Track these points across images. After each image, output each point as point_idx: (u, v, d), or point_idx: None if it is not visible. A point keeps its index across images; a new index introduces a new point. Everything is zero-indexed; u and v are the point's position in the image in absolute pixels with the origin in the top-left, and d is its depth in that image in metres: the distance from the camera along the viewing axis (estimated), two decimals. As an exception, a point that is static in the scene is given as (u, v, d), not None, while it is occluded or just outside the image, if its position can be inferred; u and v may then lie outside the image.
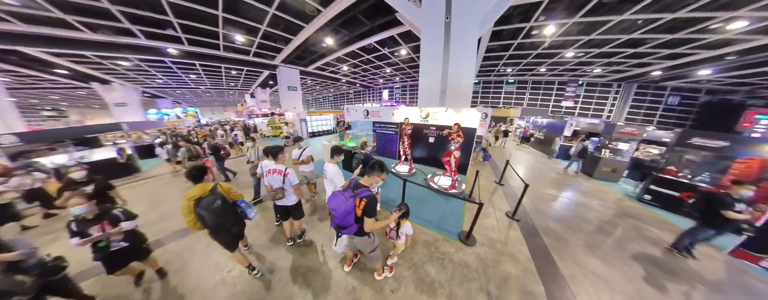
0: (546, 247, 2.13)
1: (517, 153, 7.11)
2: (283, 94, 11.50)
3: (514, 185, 3.74)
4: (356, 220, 1.11)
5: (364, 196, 1.09)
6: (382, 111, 5.06)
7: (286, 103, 11.76)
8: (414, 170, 4.10)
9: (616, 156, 4.50)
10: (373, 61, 11.22)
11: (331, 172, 1.80)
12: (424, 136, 4.41)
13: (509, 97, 14.78)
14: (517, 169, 4.88)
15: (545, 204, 3.10)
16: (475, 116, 3.58)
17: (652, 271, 1.90)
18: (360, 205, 1.08)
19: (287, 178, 1.75)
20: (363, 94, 23.07)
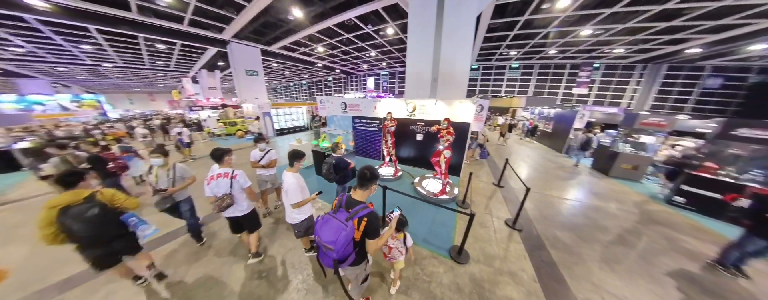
0: (554, 263, 2.01)
1: (521, 148, 7.18)
2: (240, 79, 10.13)
3: (516, 187, 3.68)
4: (355, 246, 1.01)
5: (363, 215, 1.00)
6: (362, 103, 4.80)
7: (245, 92, 10.45)
8: (400, 173, 3.99)
9: (638, 151, 4.36)
10: (355, 41, 10.59)
11: (288, 184, 1.56)
12: (411, 133, 4.26)
13: (512, 85, 14.97)
14: (519, 167, 4.98)
15: (552, 209, 2.99)
16: (468, 109, 3.44)
17: (690, 292, 1.72)
18: (360, 228, 0.99)
19: (236, 181, 1.68)
20: (344, 81, 21.94)
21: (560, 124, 7.16)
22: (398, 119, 4.16)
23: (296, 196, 1.56)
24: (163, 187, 1.86)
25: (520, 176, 4.11)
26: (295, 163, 1.61)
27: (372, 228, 1.01)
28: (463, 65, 5.02)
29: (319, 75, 22.23)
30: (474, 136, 4.88)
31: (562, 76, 13.79)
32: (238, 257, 2.02)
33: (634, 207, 3.16)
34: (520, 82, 15.17)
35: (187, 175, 2.02)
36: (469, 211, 1.91)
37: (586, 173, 4.72)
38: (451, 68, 4.99)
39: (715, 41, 7.23)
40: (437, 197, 2.99)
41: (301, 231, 1.75)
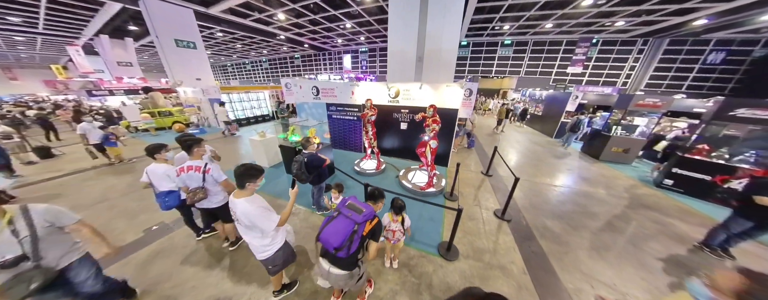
0: (543, 254, 2.13)
1: (511, 134, 7.63)
2: (169, 52, 7.89)
3: (504, 175, 3.91)
4: (361, 239, 1.13)
5: (377, 216, 1.18)
6: (338, 88, 4.50)
7: (179, 70, 8.31)
8: (383, 166, 4.00)
9: (631, 134, 4.68)
10: (325, 8, 9.53)
11: (242, 213, 1.20)
12: (394, 121, 4.19)
13: (504, 64, 15.50)
14: (509, 154, 5.29)
15: (541, 197, 3.19)
16: (456, 94, 3.42)
17: (678, 276, 1.86)
18: (373, 222, 1.14)
19: (209, 175, 1.80)
20: (315, 59, 20.05)
21: (552, 107, 7.62)
22: (379, 107, 4.05)
23: (265, 223, 1.23)
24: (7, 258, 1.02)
25: (510, 164, 4.51)
26: (248, 183, 1.21)
27: (377, 230, 1.19)
28: (451, 42, 4.92)
29: (283, 51, 19.84)
30: (462, 123, 5.03)
31: (557, 54, 14.21)
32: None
33: (624, 191, 3.38)
34: (513, 61, 15.72)
35: (65, 220, 1.21)
36: (456, 206, 1.95)
37: (576, 158, 5.17)
38: (438, 45, 4.86)
39: (724, 11, 7.09)
40: (424, 190, 3.10)
41: (277, 265, 1.42)
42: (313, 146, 2.25)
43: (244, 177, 1.22)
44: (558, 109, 7.20)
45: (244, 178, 1.22)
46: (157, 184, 1.85)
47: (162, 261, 2.06)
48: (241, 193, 1.25)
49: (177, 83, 8.45)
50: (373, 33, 13.77)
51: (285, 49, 19.16)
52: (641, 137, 4.75)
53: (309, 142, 2.21)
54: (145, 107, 7.77)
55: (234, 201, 1.25)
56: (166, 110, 7.63)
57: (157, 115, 7.39)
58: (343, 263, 1.14)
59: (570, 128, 6.00)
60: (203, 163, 1.79)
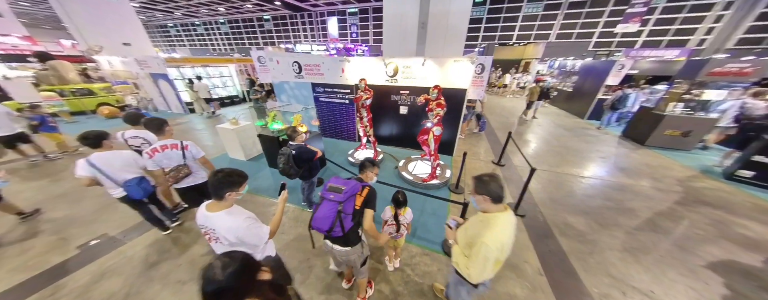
0: (563, 253, 2.17)
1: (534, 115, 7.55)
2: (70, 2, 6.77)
3: (519, 165, 4.04)
4: (353, 214, 1.30)
5: (367, 184, 1.40)
6: (324, 64, 4.47)
7: (91, 30, 7.22)
8: (381, 156, 4.16)
9: (696, 111, 4.25)
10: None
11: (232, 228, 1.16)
12: (393, 105, 4.29)
13: (529, 26, 14.83)
14: (527, 140, 5.43)
15: (563, 190, 3.28)
16: (466, 70, 3.46)
17: (742, 290, 1.77)
18: (362, 192, 1.34)
19: (188, 152, 2.10)
20: (292, 22, 18.51)
21: (586, 80, 7.51)
22: (375, 87, 4.10)
23: (255, 237, 1.20)
24: None
25: (527, 151, 4.65)
26: (229, 193, 1.14)
27: (372, 197, 1.37)
28: (462, 2, 4.82)
29: (247, 9, 18.25)
30: (471, 104, 5.16)
31: (604, 6, 12.65)
32: None
33: (676, 184, 3.32)
34: (541, 22, 15.05)
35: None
36: (462, 199, 2.21)
37: (613, 143, 5.25)
38: (446, 6, 4.76)
39: None
40: (426, 183, 3.37)
41: None
42: (301, 136, 2.32)
43: (224, 186, 1.13)
44: (594, 84, 7.12)
45: (224, 188, 1.13)
46: (114, 174, 1.96)
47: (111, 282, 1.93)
48: (218, 206, 1.17)
49: (93, 49, 7.28)
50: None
51: (250, 7, 17.72)
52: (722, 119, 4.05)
53: (296, 132, 2.28)
54: (45, 82, 6.69)
55: (209, 215, 1.16)
56: (82, 88, 6.61)
57: (69, 95, 6.32)
58: (342, 241, 1.39)
59: (610, 105, 6.05)
60: (178, 140, 2.07)
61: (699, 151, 4.84)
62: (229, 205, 1.22)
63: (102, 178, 1.95)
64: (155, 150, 2.00)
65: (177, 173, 2.05)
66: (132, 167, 2.05)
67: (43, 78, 6.88)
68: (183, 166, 2.09)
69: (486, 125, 5.47)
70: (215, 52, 24.42)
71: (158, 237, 2.46)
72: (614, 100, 6.05)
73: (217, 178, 1.15)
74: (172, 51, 25.50)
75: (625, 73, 6.80)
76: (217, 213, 1.18)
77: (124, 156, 2.03)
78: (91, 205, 2.97)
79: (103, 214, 2.81)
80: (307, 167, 2.47)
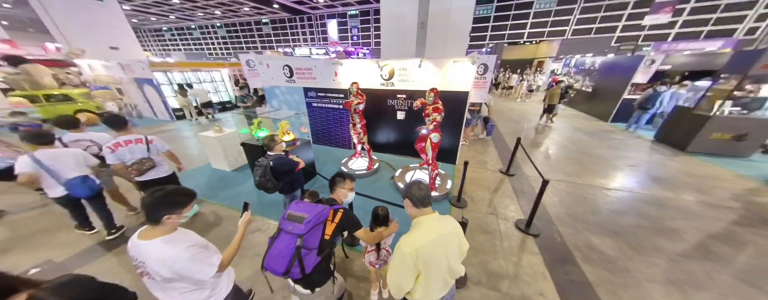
0: (588, 284, 1.98)
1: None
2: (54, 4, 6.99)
3: (531, 175, 3.90)
4: (321, 248, 1.16)
5: (339, 207, 1.28)
6: (316, 67, 4.58)
7: (77, 33, 7.46)
8: (376, 165, 4.15)
9: (752, 111, 3.97)
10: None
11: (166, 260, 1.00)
12: (389, 109, 4.31)
13: (542, 23, 15.00)
14: (541, 146, 5.29)
15: (585, 204, 3.06)
16: (467, 71, 3.46)
17: None
18: (334, 218, 1.22)
19: (153, 146, 2.37)
20: (291, 26, 19.50)
21: (609, 79, 7.37)
22: (370, 91, 4.14)
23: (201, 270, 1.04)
24: None
25: (541, 159, 4.49)
26: (167, 216, 1.00)
27: (350, 220, 1.28)
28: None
29: (245, 12, 19.31)
30: (475, 108, 5.12)
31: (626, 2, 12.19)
32: None
33: (732, 198, 3.01)
34: (555, 18, 15.18)
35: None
36: (460, 218, 2.08)
37: (645, 149, 5.00)
38: (446, 4, 4.86)
39: None
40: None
41: None
42: (279, 146, 2.30)
43: (160, 207, 0.99)
44: (619, 82, 6.95)
45: (160, 209, 0.99)
46: (60, 172, 2.08)
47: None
48: (153, 232, 1.02)
49: (74, 53, 7.35)
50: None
51: (247, 10, 18.67)
52: None
53: (274, 141, 2.26)
54: (16, 87, 6.77)
55: (139, 244, 1.01)
56: (58, 93, 6.62)
57: (42, 101, 6.26)
58: (304, 282, 1.20)
59: (639, 104, 5.85)
60: (142, 135, 2.34)
61: (761, 157, 4.46)
62: (168, 231, 1.06)
63: (44, 176, 2.03)
64: (118, 144, 2.21)
65: (141, 166, 2.28)
66: (81, 166, 2.20)
67: (15, 83, 6.91)
68: (147, 159, 2.33)
69: (494, 129, 5.39)
70: (211, 57, 25.51)
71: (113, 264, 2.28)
72: (643, 99, 5.89)
73: (153, 197, 1.00)
74: (166, 55, 26.77)
75: (655, 69, 6.54)
76: (150, 241, 1.01)
77: (76, 154, 2.18)
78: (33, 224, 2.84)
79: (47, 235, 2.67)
80: (288, 180, 2.43)
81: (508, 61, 16.94)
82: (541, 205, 3.11)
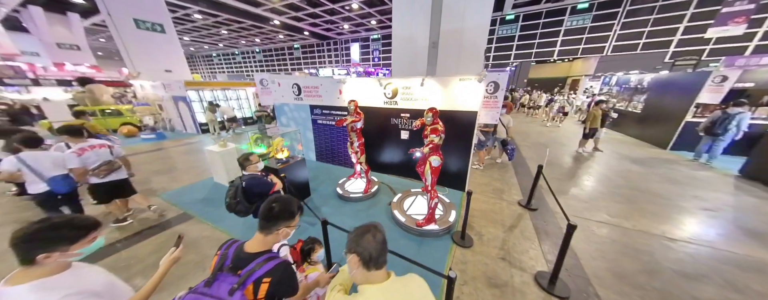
0: None
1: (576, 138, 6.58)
2: (128, 36, 8.38)
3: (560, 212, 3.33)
4: None
5: (264, 272, 0.92)
6: (322, 86, 4.68)
7: (140, 59, 8.80)
8: (375, 187, 3.84)
9: None
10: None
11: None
12: (394, 128, 4.11)
13: (575, 41, 14.11)
14: (578, 176, 4.52)
15: (637, 259, 2.41)
16: (474, 90, 3.19)
17: None
18: (258, 295, 0.90)
19: (115, 150, 2.80)
20: (318, 50, 21.66)
21: (664, 98, 6.45)
22: (374, 110, 4.05)
23: None
24: None
25: (575, 193, 3.76)
26: (47, 254, 0.82)
27: (282, 290, 0.96)
28: (480, 16, 4.77)
29: (279, 39, 22.06)
30: (489, 129, 4.66)
31: (684, 9, 11.05)
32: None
33: None
34: (590, 34, 14.32)
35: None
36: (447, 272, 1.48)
37: (724, 187, 4.05)
38: (458, 24, 4.75)
39: None
40: (421, 227, 2.84)
41: None
42: (254, 165, 2.20)
43: (34, 244, 0.81)
44: (678, 102, 5.98)
45: (34, 246, 0.81)
46: (43, 170, 2.36)
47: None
48: (24, 275, 0.82)
49: (133, 75, 8.76)
50: (386, 15, 14.41)
51: (282, 38, 21.25)
52: None
53: (248, 161, 2.18)
54: (80, 103, 7.87)
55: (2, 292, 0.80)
56: (113, 109, 7.78)
57: (97, 115, 7.34)
58: None
59: (705, 129, 4.86)
60: (107, 141, 2.79)
61: None
62: (47, 273, 0.84)
63: (26, 174, 2.33)
64: (84, 149, 2.54)
65: (109, 167, 2.67)
66: (59, 167, 2.46)
67: (80, 100, 8.39)
68: (114, 161, 2.72)
69: (515, 153, 4.79)
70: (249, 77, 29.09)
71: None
72: (709, 123, 4.86)
73: (26, 230, 0.80)
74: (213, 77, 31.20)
75: (728, 86, 5.51)
76: (13, 288, 0.79)
77: (55, 157, 2.46)
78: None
79: None
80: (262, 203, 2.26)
81: (537, 80, 16.11)
82: (573, 255, 2.48)
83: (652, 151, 6.15)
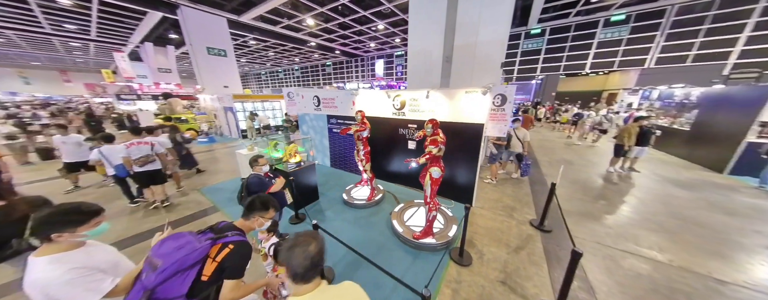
0: None
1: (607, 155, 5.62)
2: (200, 60, 10.41)
3: (578, 237, 2.83)
4: (192, 292, 0.95)
5: (232, 240, 1.06)
6: (338, 97, 4.92)
7: (207, 77, 10.80)
8: (379, 195, 3.78)
9: None
10: (355, 9, 11.16)
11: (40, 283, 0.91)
12: (401, 139, 4.08)
13: (611, 53, 12.75)
14: (608, 199, 3.92)
15: (665, 295, 2.05)
16: (480, 102, 3.01)
17: None
18: (218, 257, 0.99)
19: (155, 147, 3.46)
20: (347, 66, 23.10)
21: (718, 115, 5.50)
22: (383, 120, 4.10)
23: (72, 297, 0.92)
24: None
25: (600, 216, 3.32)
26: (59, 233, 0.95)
27: (235, 263, 1.02)
28: (493, 33, 4.68)
29: (315, 58, 24.08)
30: (500, 142, 4.35)
31: (746, 19, 9.75)
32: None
33: None
34: (627, 47, 12.93)
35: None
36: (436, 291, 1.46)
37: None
38: (472, 38, 4.69)
39: None
40: (417, 240, 2.70)
41: None
42: (259, 167, 2.37)
43: (47, 225, 0.93)
44: (736, 120, 5.05)
45: (47, 227, 0.93)
46: (112, 160, 3.33)
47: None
48: (45, 249, 0.96)
49: (200, 90, 10.93)
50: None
51: (316, 57, 23.20)
52: None
53: (256, 162, 2.36)
54: (161, 113, 9.92)
55: (29, 261, 0.95)
56: (182, 117, 9.43)
57: (174, 121, 8.90)
58: None
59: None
60: (149, 139, 3.44)
61: None
62: (63, 249, 0.98)
63: (104, 162, 3.33)
64: (132, 144, 3.29)
65: (146, 159, 3.33)
66: (118, 157, 3.28)
67: (162, 109, 10.78)
68: (150, 156, 3.38)
69: (530, 169, 4.39)
70: (287, 91, 32.50)
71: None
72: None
73: (42, 213, 0.94)
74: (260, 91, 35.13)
75: None
76: (37, 258, 0.94)
77: (119, 149, 3.29)
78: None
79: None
80: None
81: (567, 94, 14.81)
82: (588, 288, 2.15)
83: (703, 175, 5.16)
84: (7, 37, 14.79)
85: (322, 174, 5.11)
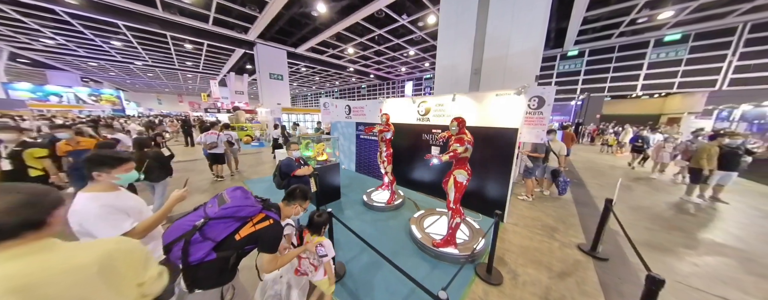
0: None
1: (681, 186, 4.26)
2: (264, 83, 12.95)
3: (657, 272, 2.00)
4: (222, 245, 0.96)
5: (272, 216, 1.10)
6: (367, 106, 5.05)
7: (268, 96, 13.17)
8: (399, 200, 3.49)
9: None
10: (389, 38, 11.99)
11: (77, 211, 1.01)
12: (425, 145, 3.85)
13: (666, 75, 10.83)
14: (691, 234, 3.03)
15: None
16: (513, 105, 2.68)
17: None
18: (258, 223, 1.04)
19: (220, 137, 4.66)
20: (380, 88, 24.54)
21: None
22: (407, 126, 3.99)
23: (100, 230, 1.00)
24: None
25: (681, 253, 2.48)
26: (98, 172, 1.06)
27: (269, 236, 1.04)
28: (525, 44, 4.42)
29: (352, 81, 26.23)
30: (536, 155, 3.74)
31: None
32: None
33: None
34: (688, 67, 10.96)
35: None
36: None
37: None
38: (503, 51, 4.49)
39: None
40: (438, 248, 2.30)
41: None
42: (291, 152, 2.55)
43: (90, 163, 1.07)
44: None
45: (90, 165, 1.07)
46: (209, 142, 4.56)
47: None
48: (90, 187, 1.09)
49: (260, 105, 13.24)
50: (438, 56, 15.51)
51: (354, 80, 25.27)
52: None
53: (291, 146, 2.62)
54: (230, 121, 12.30)
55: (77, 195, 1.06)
56: (244, 126, 11.57)
57: (237, 129, 11.41)
58: (185, 274, 0.92)
59: None
60: (218, 132, 4.69)
61: None
62: (101, 189, 1.10)
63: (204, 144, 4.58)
64: (207, 134, 4.59)
65: (211, 145, 4.52)
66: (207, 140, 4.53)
67: (231, 119, 13.05)
68: (215, 143, 4.55)
69: (568, 188, 3.66)
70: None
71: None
72: None
73: (89, 156, 1.11)
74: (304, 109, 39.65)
75: None
76: (82, 194, 1.07)
77: (213, 138, 4.56)
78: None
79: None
80: (288, 182, 2.44)
81: (615, 117, 12.84)
82: None
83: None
84: (156, 73, 21.06)
85: (347, 177, 5.06)
